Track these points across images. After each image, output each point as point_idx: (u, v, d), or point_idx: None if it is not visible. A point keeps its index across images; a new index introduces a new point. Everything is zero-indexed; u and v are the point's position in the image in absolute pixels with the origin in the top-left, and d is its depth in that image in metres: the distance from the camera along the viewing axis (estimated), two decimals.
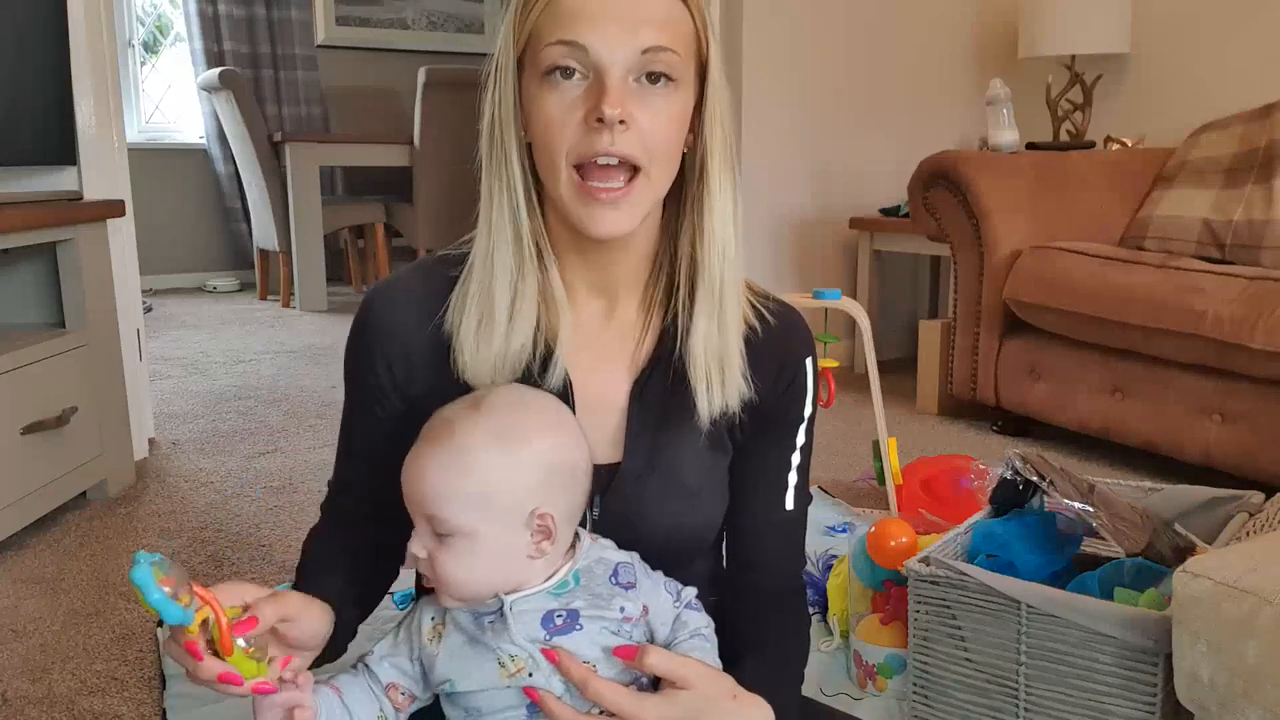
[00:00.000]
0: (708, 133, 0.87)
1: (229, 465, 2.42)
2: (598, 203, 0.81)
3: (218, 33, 5.32)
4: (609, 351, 0.91)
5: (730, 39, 3.33)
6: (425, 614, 0.84)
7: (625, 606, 0.83)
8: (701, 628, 0.87)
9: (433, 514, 0.79)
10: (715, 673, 0.82)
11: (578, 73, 0.80)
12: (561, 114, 0.80)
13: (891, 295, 3.62)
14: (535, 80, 0.82)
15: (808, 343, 0.96)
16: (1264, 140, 2.56)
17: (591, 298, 0.91)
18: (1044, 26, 3.18)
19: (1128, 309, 2.27)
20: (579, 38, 0.79)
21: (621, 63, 0.79)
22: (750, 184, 3.38)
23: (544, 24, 0.80)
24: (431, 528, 0.80)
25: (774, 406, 0.93)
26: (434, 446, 0.80)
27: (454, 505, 0.79)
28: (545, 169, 0.83)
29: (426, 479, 0.80)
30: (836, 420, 2.80)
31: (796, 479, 0.96)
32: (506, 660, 0.79)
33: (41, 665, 1.49)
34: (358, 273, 5.38)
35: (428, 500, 0.79)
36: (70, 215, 2.04)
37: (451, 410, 0.82)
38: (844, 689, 1.39)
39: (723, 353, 0.88)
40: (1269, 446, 2.06)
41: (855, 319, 1.94)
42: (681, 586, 0.89)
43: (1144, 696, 1.09)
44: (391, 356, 0.89)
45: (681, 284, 0.89)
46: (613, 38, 0.79)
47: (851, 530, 1.92)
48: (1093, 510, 1.24)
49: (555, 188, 0.83)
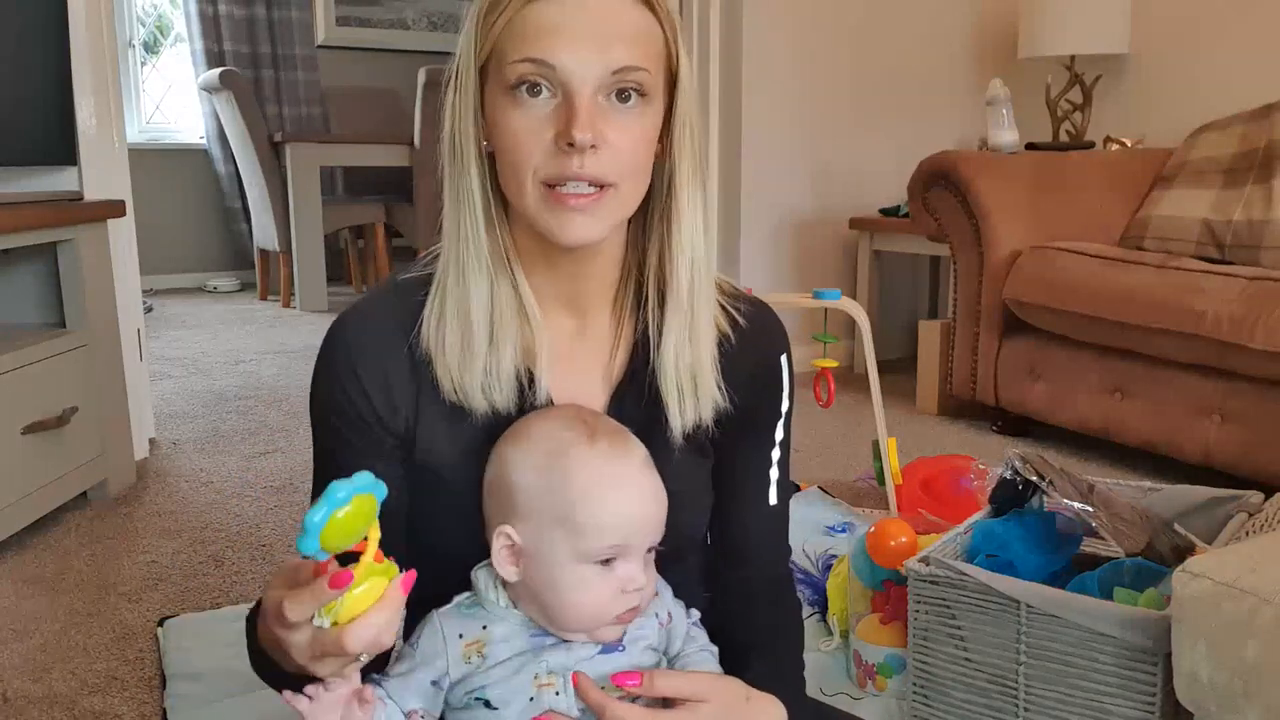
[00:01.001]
0: (676, 143, 0.84)
1: (229, 465, 2.42)
2: (566, 209, 0.79)
3: (218, 33, 5.32)
4: (583, 364, 0.90)
5: (730, 40, 3.33)
6: (448, 634, 0.82)
7: (659, 613, 0.86)
8: (707, 645, 0.89)
9: (658, 536, 0.83)
10: (726, 680, 0.83)
11: (545, 90, 0.77)
12: (528, 133, 0.78)
13: (891, 295, 3.62)
14: (500, 93, 0.79)
15: (781, 340, 0.95)
16: (1264, 140, 2.56)
17: (561, 311, 0.89)
18: (1044, 26, 3.18)
19: (1127, 309, 2.27)
20: (548, 56, 0.76)
21: (591, 82, 0.77)
22: (750, 184, 3.38)
23: (509, 37, 0.78)
24: (644, 555, 0.82)
25: (752, 408, 0.93)
26: (636, 479, 0.82)
27: (664, 518, 0.83)
28: (510, 183, 0.81)
29: (648, 507, 0.82)
30: (836, 420, 2.80)
31: (778, 474, 0.97)
32: (543, 673, 0.80)
33: (42, 665, 1.49)
34: (358, 273, 5.38)
35: (653, 528, 0.82)
36: (70, 215, 2.04)
37: (604, 443, 0.82)
38: (844, 689, 1.40)
39: (695, 365, 0.87)
40: (1268, 446, 2.06)
41: (855, 319, 1.94)
42: (686, 606, 0.91)
43: (1144, 696, 1.09)
44: (370, 384, 0.85)
45: (651, 295, 0.88)
46: (583, 57, 0.76)
47: (851, 530, 1.92)
48: (1092, 510, 1.24)
49: (521, 201, 0.81)
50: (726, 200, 3.44)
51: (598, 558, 0.80)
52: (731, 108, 3.37)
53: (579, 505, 0.79)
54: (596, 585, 0.80)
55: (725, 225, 3.45)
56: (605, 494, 0.80)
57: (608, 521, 0.80)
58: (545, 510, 0.80)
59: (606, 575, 0.80)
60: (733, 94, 3.35)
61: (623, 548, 0.80)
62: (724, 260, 3.45)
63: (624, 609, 0.81)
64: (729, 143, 3.40)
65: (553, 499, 0.80)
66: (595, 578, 0.80)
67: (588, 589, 0.80)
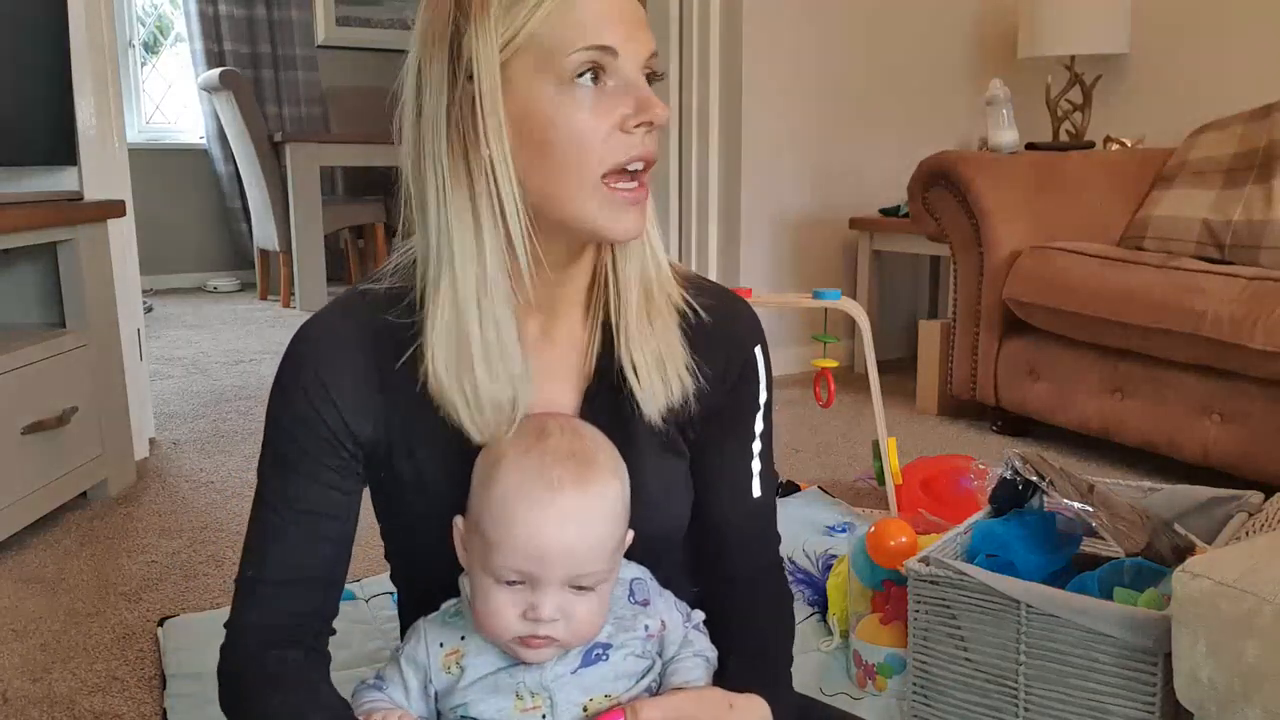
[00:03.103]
0: None
1: (229, 465, 2.42)
2: (624, 204, 0.79)
3: (218, 33, 5.32)
4: (553, 368, 0.88)
5: (730, 39, 3.33)
6: (429, 642, 0.81)
7: (648, 624, 0.84)
8: (704, 650, 0.88)
9: (579, 572, 0.76)
10: (705, 694, 0.83)
11: (605, 78, 0.77)
12: (596, 121, 0.77)
13: (891, 295, 3.62)
14: (550, 85, 0.76)
15: (755, 331, 0.95)
16: (1264, 140, 2.56)
17: (526, 314, 0.86)
18: (1044, 27, 3.18)
19: (1127, 309, 2.27)
20: (613, 43, 0.76)
21: (639, 66, 0.78)
22: (750, 184, 3.38)
23: (558, 26, 0.75)
24: (568, 586, 0.76)
25: (725, 400, 0.92)
26: (557, 501, 0.75)
27: (598, 555, 0.77)
28: (562, 181, 0.78)
29: (569, 537, 0.75)
30: (836, 420, 2.80)
31: (760, 466, 0.96)
32: (525, 694, 0.78)
33: (42, 665, 1.49)
34: (358, 273, 5.38)
35: (576, 560, 0.76)
36: (71, 215, 2.04)
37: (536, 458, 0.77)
38: (844, 689, 1.39)
39: (660, 347, 0.86)
40: (1268, 446, 2.06)
41: (855, 319, 1.95)
42: (690, 609, 0.90)
43: (1144, 696, 1.09)
44: (338, 393, 0.83)
45: (610, 290, 0.87)
46: (635, 41, 0.78)
47: (851, 530, 1.92)
48: (1092, 510, 1.24)
49: (572, 199, 0.78)
50: (727, 200, 3.44)
51: (503, 577, 0.76)
52: (731, 108, 3.37)
53: (491, 516, 0.77)
54: (500, 602, 0.77)
55: (725, 225, 3.45)
56: (523, 516, 0.76)
57: (514, 543, 0.76)
58: (472, 510, 0.80)
59: (513, 596, 0.77)
60: (733, 94, 3.35)
61: (530, 575, 0.76)
62: (724, 260, 3.45)
63: (529, 634, 0.77)
64: (729, 143, 3.40)
65: (475, 501, 0.79)
66: (500, 594, 0.77)
67: (491, 602, 0.77)
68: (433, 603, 0.85)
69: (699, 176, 3.45)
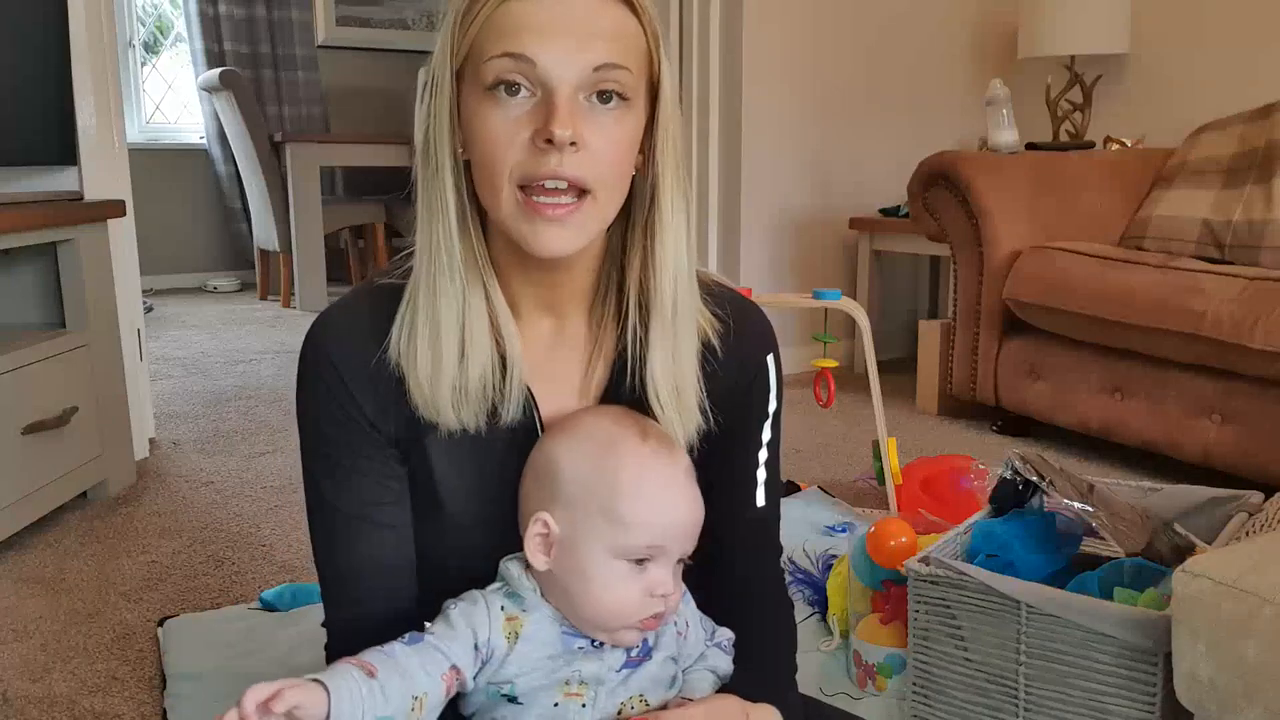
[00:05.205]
0: (659, 155, 0.82)
1: (229, 465, 2.42)
2: (543, 219, 0.76)
3: (218, 33, 5.32)
4: (561, 370, 0.88)
5: (730, 39, 3.33)
6: (493, 603, 0.81)
7: (676, 622, 0.86)
8: (717, 665, 0.89)
9: (693, 544, 0.83)
10: (720, 704, 0.83)
11: (524, 89, 0.75)
12: (506, 132, 0.75)
13: (891, 295, 3.62)
14: (476, 95, 0.77)
15: (767, 341, 0.94)
16: (1263, 140, 2.56)
17: (539, 315, 0.87)
18: (1044, 26, 3.18)
19: (1127, 309, 2.27)
20: (526, 51, 0.74)
21: (571, 80, 0.75)
22: (750, 184, 3.38)
23: (487, 35, 0.75)
24: (675, 564, 0.82)
25: (736, 411, 0.91)
26: (678, 478, 0.82)
27: (694, 536, 0.83)
28: (485, 188, 0.78)
29: (694, 510, 0.83)
30: (836, 420, 2.80)
31: (765, 475, 0.95)
32: (574, 682, 0.79)
33: (42, 665, 1.49)
34: (358, 273, 5.38)
35: (689, 535, 0.83)
36: (71, 215, 2.04)
37: (643, 441, 0.82)
38: (844, 689, 1.39)
39: (679, 382, 0.86)
40: (1268, 446, 2.06)
41: (855, 319, 1.95)
42: (716, 626, 0.91)
43: (1144, 696, 1.09)
44: (360, 389, 0.83)
45: (632, 310, 0.86)
46: (563, 52, 0.74)
47: (851, 530, 1.92)
48: (1092, 510, 1.24)
49: (496, 207, 0.78)
50: (726, 200, 3.44)
51: (634, 555, 0.80)
52: (731, 108, 3.37)
53: (625, 498, 0.79)
54: (626, 584, 0.80)
55: (725, 225, 3.45)
56: (653, 492, 0.81)
57: (651, 519, 0.80)
58: (590, 500, 0.80)
59: (637, 575, 0.80)
60: (733, 94, 3.35)
61: (659, 549, 0.80)
62: (724, 260, 3.45)
63: (649, 614, 0.80)
64: (729, 143, 3.40)
65: (599, 489, 0.80)
66: (626, 576, 0.80)
67: (617, 587, 0.80)
68: (438, 598, 0.85)
69: (699, 176, 3.45)
